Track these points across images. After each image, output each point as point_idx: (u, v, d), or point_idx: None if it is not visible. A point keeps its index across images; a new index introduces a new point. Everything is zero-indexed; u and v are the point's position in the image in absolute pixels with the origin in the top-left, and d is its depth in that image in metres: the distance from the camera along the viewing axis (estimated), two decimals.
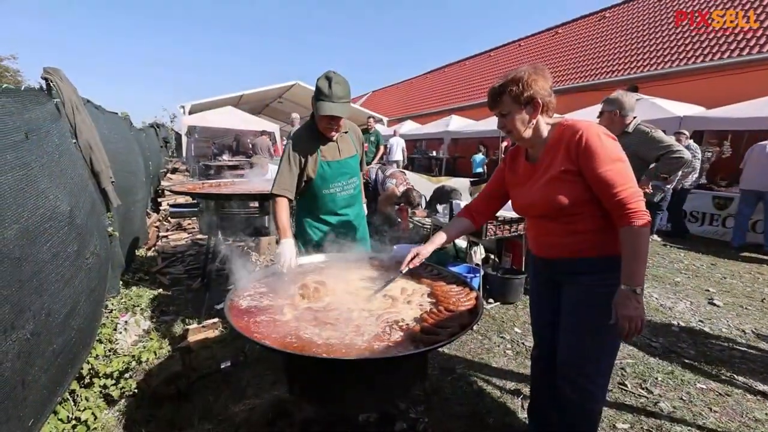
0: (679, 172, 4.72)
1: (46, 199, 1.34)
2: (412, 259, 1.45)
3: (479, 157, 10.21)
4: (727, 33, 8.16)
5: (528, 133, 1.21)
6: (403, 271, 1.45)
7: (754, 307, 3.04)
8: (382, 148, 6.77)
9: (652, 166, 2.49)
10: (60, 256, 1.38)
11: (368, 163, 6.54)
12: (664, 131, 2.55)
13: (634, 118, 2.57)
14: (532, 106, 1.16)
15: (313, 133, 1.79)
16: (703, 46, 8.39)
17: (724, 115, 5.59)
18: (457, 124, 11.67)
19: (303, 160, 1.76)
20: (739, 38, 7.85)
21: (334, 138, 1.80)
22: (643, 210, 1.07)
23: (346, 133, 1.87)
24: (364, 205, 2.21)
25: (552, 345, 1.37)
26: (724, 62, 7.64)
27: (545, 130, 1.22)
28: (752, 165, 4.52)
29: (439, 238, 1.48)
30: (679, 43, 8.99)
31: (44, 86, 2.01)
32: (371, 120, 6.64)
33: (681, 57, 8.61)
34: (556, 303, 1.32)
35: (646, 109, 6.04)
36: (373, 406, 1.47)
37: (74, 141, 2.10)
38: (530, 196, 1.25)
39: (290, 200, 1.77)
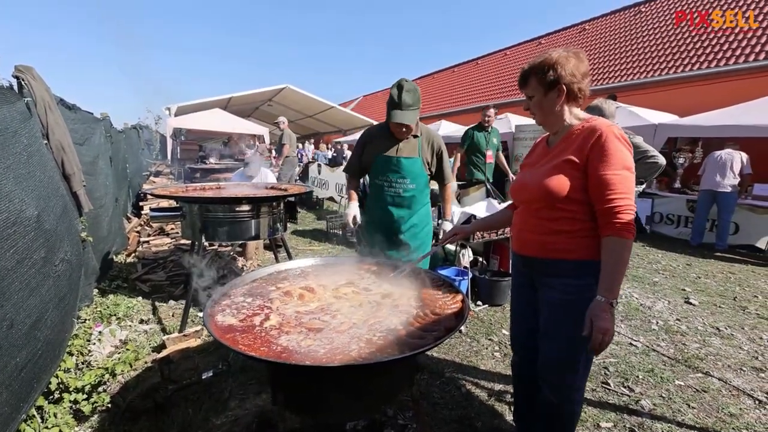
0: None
1: (11, 202, 1.26)
2: (453, 235, 1.51)
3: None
4: (697, 47, 8.63)
5: (551, 117, 1.18)
6: (444, 245, 1.53)
7: (726, 306, 3.18)
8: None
9: None
10: (25, 263, 1.30)
11: (504, 170, 4.78)
12: (642, 138, 2.65)
13: (616, 124, 2.67)
14: (556, 91, 1.14)
15: (384, 130, 2.03)
16: (675, 58, 8.85)
17: (696, 122, 5.88)
18: (447, 129, 11.85)
19: (365, 147, 2.09)
20: (708, 51, 8.32)
21: (403, 138, 1.98)
22: (632, 224, 1.04)
23: (416, 137, 2.00)
24: (446, 223, 2.15)
25: (528, 350, 1.36)
26: (695, 74, 8.08)
27: (569, 119, 1.18)
28: (708, 170, 5.12)
29: (481, 222, 1.57)
30: (653, 55, 9.45)
31: (14, 85, 1.92)
32: (491, 111, 4.28)
33: (656, 68, 9.05)
34: (534, 308, 1.30)
35: (624, 116, 6.30)
36: (361, 413, 1.44)
37: (45, 142, 2.01)
38: (532, 177, 1.22)
39: (353, 177, 2.18)
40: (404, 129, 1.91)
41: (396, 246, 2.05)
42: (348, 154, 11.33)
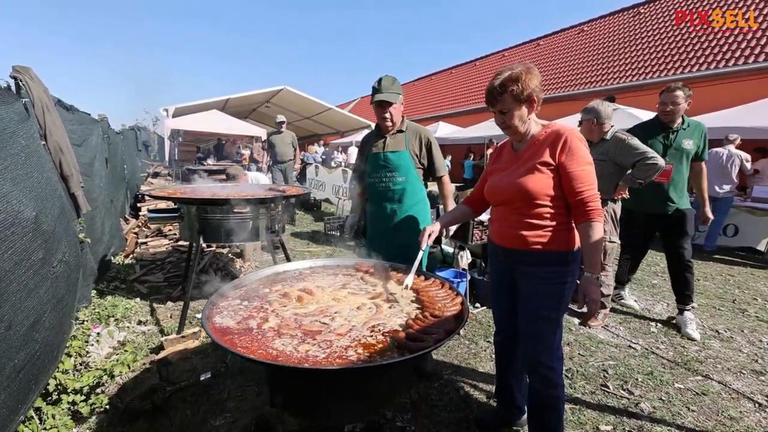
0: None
1: (8, 203, 1.26)
2: (429, 236, 1.55)
3: (468, 162, 10.44)
4: (696, 48, 8.66)
5: (524, 128, 1.31)
6: (423, 248, 1.54)
7: (726, 308, 3.18)
8: None
9: (628, 172, 2.59)
10: (22, 264, 1.30)
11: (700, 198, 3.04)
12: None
13: (612, 126, 2.68)
14: (529, 103, 1.27)
15: (375, 132, 2.11)
16: (675, 60, 8.88)
17: None
18: (445, 130, 11.87)
19: (361, 150, 2.18)
20: (707, 53, 8.35)
21: (390, 131, 2.02)
22: (601, 209, 1.23)
23: (401, 132, 2.04)
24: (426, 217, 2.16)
25: (510, 328, 1.51)
26: (695, 75, 8.10)
27: (533, 126, 1.33)
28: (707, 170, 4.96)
29: (446, 218, 1.65)
30: (653, 57, 9.48)
31: (12, 85, 1.92)
32: (678, 93, 2.49)
33: (655, 70, 9.08)
34: (513, 292, 1.43)
35: (623, 118, 6.30)
36: (359, 416, 1.44)
37: (43, 143, 2.00)
38: (506, 179, 1.35)
39: (359, 181, 2.22)
40: (388, 114, 1.94)
41: (394, 244, 2.02)
42: (337, 156, 11.35)
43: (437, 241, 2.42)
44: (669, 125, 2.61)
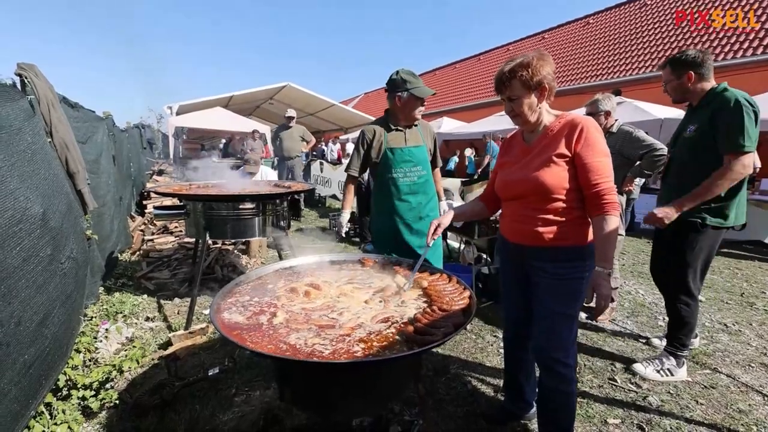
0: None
1: (16, 200, 1.26)
2: (435, 230, 1.50)
3: (470, 157, 10.40)
4: (704, 40, 8.50)
5: (534, 117, 1.26)
6: (430, 244, 1.50)
7: (734, 302, 3.15)
8: None
9: (637, 164, 2.56)
10: (31, 260, 1.30)
11: None
12: (646, 132, 2.63)
13: (616, 120, 2.66)
14: (539, 91, 1.22)
15: (383, 125, 2.08)
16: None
17: None
18: (449, 126, 11.79)
19: (369, 145, 2.08)
20: (715, 45, 8.20)
21: (416, 123, 2.09)
22: (617, 202, 1.19)
23: (415, 126, 2.11)
24: (441, 203, 2.34)
25: (521, 323, 1.50)
26: None
27: (545, 116, 1.27)
28: None
29: (456, 211, 1.59)
30: (659, 49, 9.33)
31: (17, 82, 1.92)
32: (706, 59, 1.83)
33: (661, 62, 8.94)
34: (525, 288, 1.40)
35: (630, 111, 6.22)
36: (367, 409, 1.44)
37: (49, 140, 2.00)
38: (519, 173, 1.31)
39: (356, 178, 2.17)
40: (423, 107, 2.01)
41: (416, 235, 2.10)
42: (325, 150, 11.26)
43: (443, 235, 2.42)
44: (691, 106, 1.97)
